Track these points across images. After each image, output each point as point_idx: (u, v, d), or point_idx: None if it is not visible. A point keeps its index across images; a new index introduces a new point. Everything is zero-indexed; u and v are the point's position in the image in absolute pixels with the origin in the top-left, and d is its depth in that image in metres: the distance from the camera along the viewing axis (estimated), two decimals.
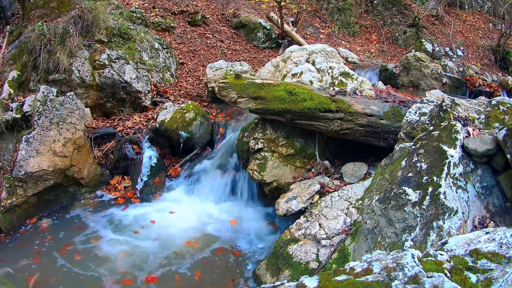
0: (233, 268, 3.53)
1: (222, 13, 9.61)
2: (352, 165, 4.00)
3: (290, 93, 3.78)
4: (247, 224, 4.19)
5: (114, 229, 4.04)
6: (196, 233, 4.01)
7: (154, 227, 4.08)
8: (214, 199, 4.58)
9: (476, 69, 8.86)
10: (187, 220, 4.23)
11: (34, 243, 3.78)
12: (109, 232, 3.99)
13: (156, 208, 4.44)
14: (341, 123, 3.77)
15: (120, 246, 3.76)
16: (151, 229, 4.04)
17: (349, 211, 3.19)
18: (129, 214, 4.30)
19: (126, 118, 5.49)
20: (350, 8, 11.03)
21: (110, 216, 4.27)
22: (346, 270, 1.26)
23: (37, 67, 5.02)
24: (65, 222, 4.17)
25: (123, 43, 5.65)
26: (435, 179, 2.00)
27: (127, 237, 3.91)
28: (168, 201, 4.60)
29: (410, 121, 2.86)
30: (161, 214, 4.32)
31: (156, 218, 4.23)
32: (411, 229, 1.96)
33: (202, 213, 4.37)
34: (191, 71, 7.05)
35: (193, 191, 4.78)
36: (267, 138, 4.20)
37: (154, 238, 3.89)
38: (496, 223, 2.02)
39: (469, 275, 1.18)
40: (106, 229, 4.04)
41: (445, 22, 11.62)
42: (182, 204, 4.53)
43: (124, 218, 4.23)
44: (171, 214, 4.32)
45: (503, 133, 2.05)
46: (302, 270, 2.92)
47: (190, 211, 4.38)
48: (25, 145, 4.07)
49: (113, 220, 4.20)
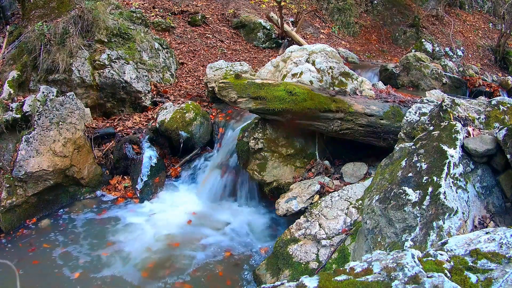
0: (233, 268, 3.53)
1: (222, 13, 9.61)
2: (352, 165, 4.00)
3: (290, 93, 3.78)
4: (247, 224, 4.19)
5: (114, 229, 4.04)
6: (195, 233, 4.01)
7: (154, 227, 4.09)
8: (214, 199, 4.58)
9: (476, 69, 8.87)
10: (187, 220, 4.23)
11: (34, 243, 3.78)
12: (109, 232, 3.99)
13: (156, 208, 4.44)
14: (341, 123, 3.77)
15: (120, 246, 3.76)
16: (151, 229, 4.04)
17: (349, 211, 3.19)
18: (129, 214, 4.30)
19: (126, 118, 5.49)
20: (350, 8, 11.04)
21: (110, 216, 4.27)
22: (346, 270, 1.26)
23: (37, 67, 5.02)
24: (65, 222, 4.17)
25: (123, 43, 5.65)
26: (435, 179, 2.00)
27: (127, 237, 3.91)
28: (168, 201, 4.60)
29: (410, 121, 2.86)
30: (161, 214, 4.32)
31: (156, 218, 4.23)
32: (411, 229, 1.96)
33: (202, 213, 4.38)
34: (191, 71, 7.05)
35: (192, 191, 4.78)
36: (267, 138, 4.20)
37: (154, 238, 3.89)
38: (496, 223, 2.02)
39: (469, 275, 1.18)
40: (106, 229, 4.04)
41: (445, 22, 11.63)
42: (182, 204, 4.52)
43: (124, 218, 4.23)
44: (171, 214, 4.32)
45: (503, 133, 2.05)
46: (302, 270, 2.92)
47: (190, 211, 4.38)
48: (25, 145, 4.07)
49: (113, 220, 4.20)
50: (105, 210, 4.39)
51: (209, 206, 4.50)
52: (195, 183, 4.86)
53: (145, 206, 4.47)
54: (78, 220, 4.20)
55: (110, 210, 4.40)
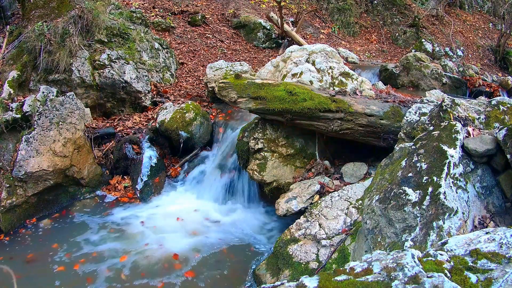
0: (232, 268, 3.53)
1: (222, 13, 9.61)
2: (352, 165, 4.00)
3: (290, 93, 3.78)
4: (247, 224, 4.19)
5: (114, 229, 4.04)
6: (194, 233, 4.01)
7: (154, 227, 4.08)
8: (214, 199, 4.58)
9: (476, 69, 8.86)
10: (187, 220, 4.23)
11: (34, 244, 3.78)
12: (109, 232, 3.99)
13: (156, 208, 4.44)
14: (341, 123, 3.77)
15: (120, 246, 3.76)
16: (151, 229, 4.04)
17: (349, 211, 3.19)
18: (129, 214, 4.30)
19: (126, 118, 5.49)
20: (350, 8, 11.03)
21: (110, 216, 4.27)
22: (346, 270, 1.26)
23: (37, 67, 5.02)
24: (65, 222, 4.17)
25: (123, 43, 5.65)
26: (435, 179, 2.00)
27: (128, 237, 3.91)
28: (168, 201, 4.60)
29: (410, 121, 2.86)
30: (160, 214, 4.32)
31: (156, 218, 4.23)
32: (411, 229, 1.96)
33: (202, 213, 4.38)
34: (191, 71, 7.05)
35: (193, 191, 4.78)
36: (267, 138, 4.20)
37: (154, 238, 3.89)
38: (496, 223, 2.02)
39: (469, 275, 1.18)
40: (106, 229, 4.04)
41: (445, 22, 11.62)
42: (182, 204, 4.52)
43: (124, 218, 4.23)
44: (171, 214, 4.32)
45: (503, 133, 2.05)
46: (302, 270, 2.92)
47: (190, 211, 4.38)
48: (25, 145, 4.07)
49: (113, 220, 4.20)
50: (105, 210, 4.39)
51: (209, 206, 4.50)
52: (195, 183, 4.86)
53: (145, 206, 4.47)
54: (78, 220, 4.20)
55: (110, 210, 4.40)
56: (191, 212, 4.38)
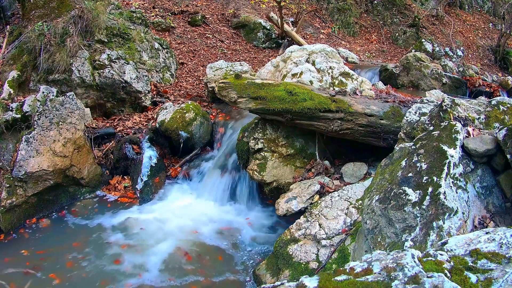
0: (232, 268, 3.53)
1: (222, 13, 9.61)
2: (352, 165, 4.00)
3: (290, 93, 3.78)
4: (247, 224, 4.19)
5: (114, 229, 4.04)
6: (195, 233, 4.01)
7: (154, 227, 4.08)
8: (214, 199, 4.58)
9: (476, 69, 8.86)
10: (186, 220, 4.23)
11: (34, 244, 3.78)
12: (109, 232, 3.99)
13: (156, 208, 4.44)
14: (341, 123, 3.77)
15: (120, 246, 3.76)
16: (150, 229, 4.04)
17: (349, 211, 3.19)
18: (129, 214, 4.30)
19: (126, 118, 5.49)
20: (350, 8, 11.03)
21: (110, 216, 4.27)
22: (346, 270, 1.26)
23: (37, 67, 5.02)
24: (65, 222, 4.17)
25: (123, 43, 5.65)
26: (435, 179, 2.00)
27: (128, 236, 3.91)
28: (168, 201, 4.60)
29: (410, 121, 2.86)
30: (160, 214, 4.32)
31: (155, 218, 4.23)
32: (411, 229, 1.96)
33: (202, 213, 4.37)
34: (191, 71, 7.05)
35: (193, 191, 4.78)
36: (267, 138, 4.20)
37: (154, 238, 3.89)
38: (496, 223, 2.02)
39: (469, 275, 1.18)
40: (106, 229, 4.04)
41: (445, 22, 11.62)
42: (182, 204, 4.52)
43: (124, 218, 4.23)
44: (171, 214, 4.32)
45: (503, 133, 2.05)
46: (302, 270, 2.92)
47: (190, 211, 4.38)
48: (25, 145, 4.06)
49: (113, 220, 4.20)
50: (105, 210, 4.39)
51: (209, 206, 4.49)
52: (195, 183, 4.86)
53: (145, 206, 4.47)
54: (78, 220, 4.20)
55: (110, 210, 4.40)
56: (191, 211, 4.37)
